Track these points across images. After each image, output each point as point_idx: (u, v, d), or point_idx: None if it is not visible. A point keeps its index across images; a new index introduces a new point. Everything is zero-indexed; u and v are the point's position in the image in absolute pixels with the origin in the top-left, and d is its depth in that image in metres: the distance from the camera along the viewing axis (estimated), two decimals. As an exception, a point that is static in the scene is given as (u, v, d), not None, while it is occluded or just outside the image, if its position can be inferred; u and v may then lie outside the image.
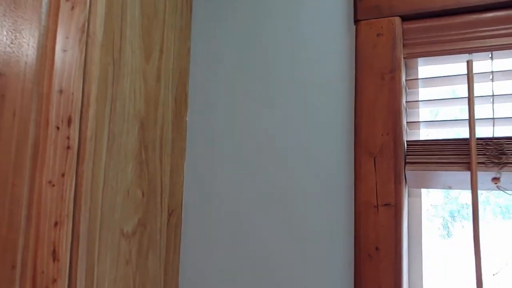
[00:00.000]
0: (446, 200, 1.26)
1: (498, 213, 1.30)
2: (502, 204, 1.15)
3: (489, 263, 1.21)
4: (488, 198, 1.13)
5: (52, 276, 0.78)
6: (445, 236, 1.62)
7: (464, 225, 1.81)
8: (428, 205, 1.31)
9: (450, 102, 0.98)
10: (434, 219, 1.75)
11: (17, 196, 0.79)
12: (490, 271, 1.38)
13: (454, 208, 1.42)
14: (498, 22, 0.92)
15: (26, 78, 0.81)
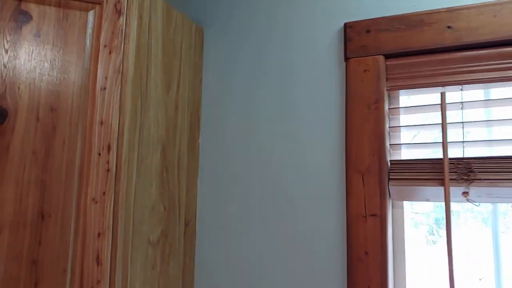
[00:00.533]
0: (433, 208, 1.42)
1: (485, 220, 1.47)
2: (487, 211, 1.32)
3: (476, 268, 1.38)
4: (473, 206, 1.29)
5: (96, 278, 0.94)
6: (431, 242, 1.81)
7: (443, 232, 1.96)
8: (414, 214, 1.48)
9: (427, 127, 1.15)
10: (420, 226, 1.94)
11: (67, 212, 0.95)
12: (476, 276, 1.56)
13: (439, 216, 1.60)
14: (467, 61, 1.10)
15: (73, 112, 0.97)
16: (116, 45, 1.01)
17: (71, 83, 0.98)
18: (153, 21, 1.13)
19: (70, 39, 0.99)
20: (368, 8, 1.20)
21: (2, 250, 0.89)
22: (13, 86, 0.94)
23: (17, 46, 0.95)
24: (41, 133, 0.95)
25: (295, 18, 1.29)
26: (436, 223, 1.74)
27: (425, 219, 1.37)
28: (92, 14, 1.01)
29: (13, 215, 0.91)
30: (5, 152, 0.92)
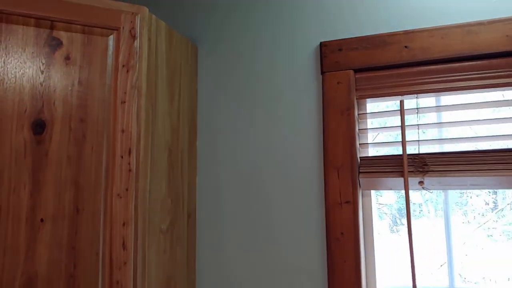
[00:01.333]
0: (396, 199, 1.66)
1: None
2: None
3: (437, 255, 1.62)
4: (440, 195, 1.54)
5: (123, 260, 1.13)
6: (395, 231, 2.09)
7: (412, 220, 2.26)
8: (379, 205, 1.73)
9: (389, 129, 1.39)
10: (385, 217, 2.22)
11: (97, 206, 1.13)
12: (437, 262, 1.82)
13: (402, 207, 1.85)
14: (421, 74, 1.34)
15: (99, 122, 1.16)
16: (132, 64, 1.20)
17: (96, 98, 1.16)
18: (158, 42, 1.32)
19: (94, 60, 1.17)
20: (340, 30, 1.43)
21: (46, 239, 1.08)
22: (49, 102, 1.11)
23: (51, 68, 1.13)
24: (73, 140, 1.13)
25: (279, 37, 1.50)
26: (398, 213, 2.01)
27: (388, 210, 1.61)
28: (111, 38, 1.20)
29: (54, 210, 1.09)
30: (45, 157, 1.10)
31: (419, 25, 1.35)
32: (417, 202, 2.22)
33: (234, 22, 1.57)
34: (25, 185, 1.07)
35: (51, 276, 1.07)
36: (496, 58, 1.27)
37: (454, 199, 1.85)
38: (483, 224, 2.56)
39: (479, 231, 2.46)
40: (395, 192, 1.55)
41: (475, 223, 2.17)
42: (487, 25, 1.27)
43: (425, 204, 2.02)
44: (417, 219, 2.25)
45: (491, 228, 2.35)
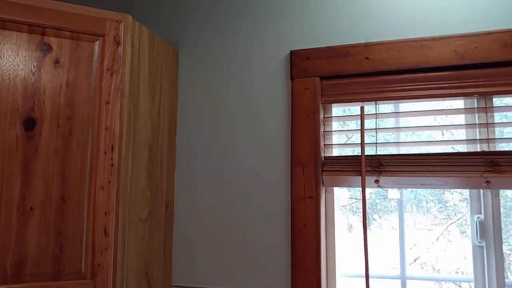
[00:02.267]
0: (368, 195, 1.79)
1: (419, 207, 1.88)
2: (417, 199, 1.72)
3: (411, 250, 1.76)
4: (412, 193, 1.68)
5: (104, 246, 1.26)
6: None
7: (382, 216, 2.47)
8: (352, 200, 1.87)
9: (351, 132, 1.53)
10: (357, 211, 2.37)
11: (81, 196, 1.26)
12: (411, 257, 1.96)
13: (375, 202, 1.99)
14: (380, 83, 1.48)
15: (84, 121, 1.28)
16: (116, 68, 1.32)
17: (83, 98, 1.28)
18: (141, 47, 1.44)
19: (81, 64, 1.29)
20: (308, 40, 1.56)
21: (35, 225, 1.20)
22: (39, 101, 1.23)
23: (42, 70, 1.24)
24: (61, 137, 1.25)
25: (252, 43, 1.63)
26: (371, 209, 2.16)
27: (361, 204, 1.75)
28: (97, 44, 1.32)
29: (42, 199, 1.21)
30: (35, 152, 1.22)
31: (378, 38, 1.49)
32: (395, 198, 2.37)
33: (211, 28, 1.70)
34: (17, 176, 1.19)
35: (39, 257, 1.20)
36: (446, 71, 1.42)
37: (433, 195, 2.01)
38: (456, 220, 2.75)
39: (453, 227, 2.64)
40: (370, 188, 1.70)
41: (450, 219, 2.34)
42: (439, 40, 1.41)
43: (405, 200, 2.15)
44: (390, 214, 2.42)
45: (465, 225, 2.52)
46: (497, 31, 1.36)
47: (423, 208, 2.46)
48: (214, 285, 1.57)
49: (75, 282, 1.23)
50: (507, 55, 1.35)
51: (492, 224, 1.40)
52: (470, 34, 1.38)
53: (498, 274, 1.37)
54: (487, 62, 1.37)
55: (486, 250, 1.40)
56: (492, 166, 1.34)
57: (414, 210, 2.09)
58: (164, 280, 1.55)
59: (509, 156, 1.33)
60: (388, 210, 2.63)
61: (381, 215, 2.38)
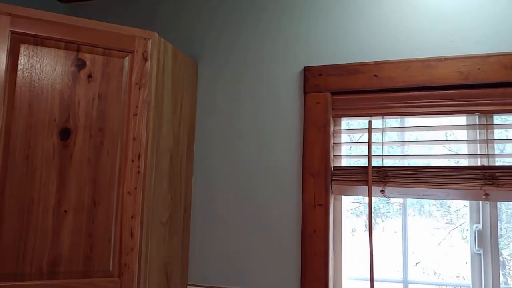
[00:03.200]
0: (374, 199, 1.88)
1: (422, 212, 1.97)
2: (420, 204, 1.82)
3: (413, 254, 1.86)
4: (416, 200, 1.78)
5: (130, 247, 1.36)
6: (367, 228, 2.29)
7: (385, 220, 2.55)
8: (356, 204, 1.96)
9: (359, 144, 1.64)
10: (361, 215, 2.47)
11: (110, 201, 1.36)
12: (413, 261, 2.05)
13: (378, 206, 2.08)
14: (387, 99, 1.58)
15: (114, 131, 1.38)
16: (144, 83, 1.43)
17: (113, 111, 1.39)
18: (166, 62, 1.55)
19: (111, 79, 1.40)
20: (321, 57, 1.66)
21: (69, 226, 1.31)
22: (74, 113, 1.34)
23: (76, 84, 1.35)
24: (93, 146, 1.36)
25: (267, 59, 1.73)
26: (374, 213, 2.26)
27: (364, 209, 1.86)
28: (127, 60, 1.42)
29: (75, 203, 1.32)
30: (69, 160, 1.33)
31: (387, 57, 1.59)
32: (398, 202, 2.47)
33: (228, 42, 1.80)
34: (53, 182, 1.30)
35: (72, 257, 1.31)
36: (450, 90, 1.52)
37: (436, 200, 2.10)
38: (459, 226, 2.84)
39: (455, 232, 2.73)
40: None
41: (452, 225, 2.44)
42: (444, 61, 1.51)
43: (408, 205, 2.25)
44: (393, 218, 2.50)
45: (467, 231, 2.61)
46: (498, 54, 1.46)
47: (426, 213, 2.55)
48: (227, 285, 1.67)
49: (104, 280, 1.33)
50: (507, 77, 1.45)
51: (489, 234, 1.50)
52: (473, 56, 1.48)
53: (494, 280, 1.47)
54: (488, 82, 1.46)
55: (484, 258, 1.50)
56: (491, 180, 1.44)
57: (417, 214, 2.19)
58: (181, 279, 1.66)
59: (507, 171, 1.43)
60: (391, 214, 2.73)
61: (384, 219, 2.47)
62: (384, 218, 2.36)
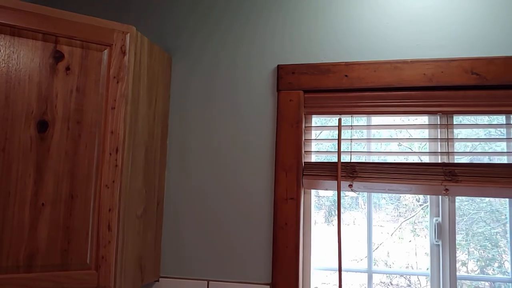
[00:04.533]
0: (332, 194, 1.96)
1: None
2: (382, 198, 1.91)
3: (376, 237, 1.94)
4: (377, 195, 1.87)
5: (108, 239, 1.37)
6: (329, 222, 2.40)
7: (346, 212, 2.62)
8: (317, 197, 2.03)
9: (329, 140, 1.71)
10: (323, 207, 2.54)
11: (88, 194, 1.36)
12: (377, 242, 2.13)
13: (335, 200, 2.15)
14: (356, 99, 1.66)
15: (92, 124, 1.38)
16: (122, 76, 1.43)
17: (91, 104, 1.39)
18: (142, 56, 1.55)
19: (89, 72, 1.39)
20: (295, 55, 1.72)
21: (46, 219, 1.30)
22: (51, 105, 1.33)
23: (54, 76, 1.34)
24: (71, 139, 1.35)
25: (242, 56, 1.77)
26: (334, 205, 2.34)
27: (327, 202, 1.94)
28: (105, 53, 1.42)
29: (53, 196, 1.32)
30: (47, 152, 1.32)
31: (357, 58, 1.67)
32: (353, 196, 2.57)
33: (202, 38, 1.83)
34: (30, 174, 1.29)
35: (49, 250, 1.30)
36: (415, 91, 1.61)
37: (387, 194, 2.19)
38: (410, 218, 2.98)
39: (406, 225, 2.88)
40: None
41: (403, 217, 2.56)
42: (410, 63, 1.60)
43: (360, 197, 2.34)
44: (351, 211, 2.61)
45: (418, 223, 2.75)
46: (460, 59, 1.57)
47: (379, 206, 2.66)
48: (200, 276, 1.71)
49: (81, 272, 1.34)
50: (467, 80, 1.56)
51: (448, 226, 1.61)
52: (437, 60, 1.58)
53: (451, 269, 1.59)
54: (450, 85, 1.57)
55: (442, 248, 1.62)
56: (451, 176, 1.55)
57: (373, 208, 2.28)
58: (154, 271, 1.68)
59: (465, 168, 1.54)
60: (347, 207, 2.82)
61: (343, 212, 2.56)
62: (342, 210, 2.46)
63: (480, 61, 1.56)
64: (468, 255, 2.86)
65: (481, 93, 1.57)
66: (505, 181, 1.51)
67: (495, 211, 3.01)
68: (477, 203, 2.96)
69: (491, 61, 1.55)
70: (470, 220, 2.85)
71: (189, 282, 1.71)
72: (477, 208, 2.83)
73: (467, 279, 1.68)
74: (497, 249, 3.10)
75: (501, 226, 3.11)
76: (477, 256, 2.94)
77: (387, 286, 2.62)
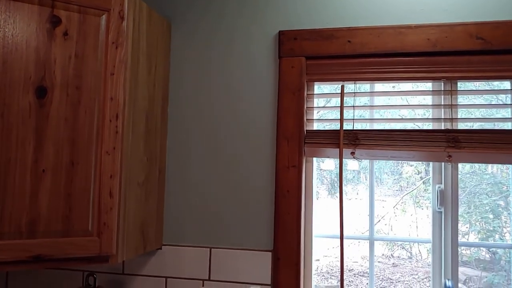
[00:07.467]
0: (335, 166, 1.96)
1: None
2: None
3: (378, 210, 1.95)
4: (377, 165, 1.87)
5: (109, 206, 1.37)
6: (332, 193, 2.40)
7: (348, 186, 2.65)
8: (320, 171, 2.03)
9: (331, 108, 1.69)
10: (324, 180, 2.55)
11: (89, 161, 1.36)
12: (379, 215, 2.14)
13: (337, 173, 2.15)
14: (360, 65, 1.63)
15: (91, 91, 1.36)
16: (120, 42, 1.41)
17: (90, 69, 1.37)
18: (140, 21, 1.52)
19: (88, 37, 1.37)
20: (296, 21, 1.69)
21: (47, 186, 1.30)
22: (50, 71, 1.31)
23: (52, 42, 1.32)
24: (70, 105, 1.34)
25: (242, 21, 1.74)
26: (336, 179, 2.33)
27: (329, 176, 1.94)
28: (103, 18, 1.39)
29: (53, 163, 1.31)
30: (46, 118, 1.30)
31: (360, 23, 1.63)
32: (354, 169, 2.57)
33: (202, 3, 1.79)
34: (30, 141, 1.28)
35: (51, 217, 1.30)
36: (419, 57, 1.59)
37: (389, 167, 2.19)
38: (411, 191, 3.00)
39: (407, 198, 2.88)
40: (335, 160, 1.87)
41: (406, 190, 2.57)
42: (414, 28, 1.57)
43: (362, 171, 2.34)
44: (355, 184, 2.62)
45: (419, 196, 2.75)
46: (464, 23, 1.53)
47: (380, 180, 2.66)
48: (202, 244, 1.72)
49: (83, 239, 1.34)
50: (472, 45, 1.53)
51: (450, 193, 1.61)
52: (441, 24, 1.55)
53: (453, 236, 1.59)
54: (454, 50, 1.54)
55: (444, 215, 1.61)
56: (454, 143, 1.54)
57: (374, 183, 2.29)
58: (156, 239, 1.69)
59: (469, 134, 1.52)
60: (350, 180, 2.84)
61: (346, 185, 2.58)
62: (344, 183, 2.46)
63: (485, 25, 1.53)
64: (470, 226, 2.89)
65: (485, 58, 1.54)
66: (509, 147, 1.50)
67: (498, 183, 3.01)
68: (479, 175, 2.96)
69: (496, 25, 1.52)
70: (472, 192, 2.85)
71: (191, 249, 1.72)
72: (480, 180, 2.83)
73: (468, 245, 1.68)
74: (498, 221, 3.12)
75: (503, 198, 3.12)
76: (479, 228, 2.96)
77: (388, 259, 2.64)
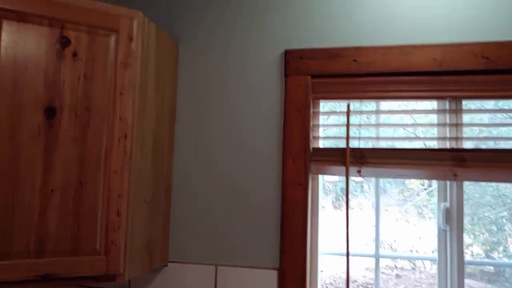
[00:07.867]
0: (340, 178, 1.97)
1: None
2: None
3: (384, 220, 1.95)
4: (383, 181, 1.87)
5: (117, 225, 1.38)
6: (337, 207, 2.40)
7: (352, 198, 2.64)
8: (325, 182, 2.03)
9: (337, 126, 1.70)
10: (329, 193, 2.55)
11: (97, 180, 1.37)
12: (385, 224, 2.14)
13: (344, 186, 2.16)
14: (365, 84, 1.64)
15: (100, 111, 1.38)
16: (129, 62, 1.42)
17: (99, 90, 1.38)
18: (150, 42, 1.54)
19: (97, 58, 1.39)
20: (302, 40, 1.70)
21: (56, 206, 1.31)
22: (59, 92, 1.33)
23: (61, 63, 1.33)
24: (79, 125, 1.35)
25: (249, 41, 1.76)
26: (341, 191, 2.35)
27: (333, 188, 1.94)
28: (112, 39, 1.41)
29: (62, 182, 1.32)
30: (55, 139, 1.32)
31: (366, 43, 1.65)
32: (358, 181, 2.57)
33: (209, 22, 1.81)
34: (39, 161, 1.29)
35: (59, 235, 1.31)
36: (425, 76, 1.60)
37: (391, 179, 2.19)
38: (415, 203, 2.99)
39: (411, 209, 2.88)
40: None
41: (409, 201, 2.56)
42: (419, 48, 1.59)
43: (366, 183, 2.33)
44: (356, 196, 2.62)
45: (423, 206, 2.75)
46: (469, 43, 1.55)
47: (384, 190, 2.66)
48: (208, 261, 1.72)
49: (91, 258, 1.35)
50: (477, 65, 1.54)
51: (456, 211, 1.61)
52: (447, 44, 1.56)
53: (459, 255, 1.59)
54: (459, 70, 1.55)
55: (450, 234, 1.62)
56: (459, 161, 1.54)
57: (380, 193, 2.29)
58: (162, 256, 1.69)
59: (474, 153, 1.53)
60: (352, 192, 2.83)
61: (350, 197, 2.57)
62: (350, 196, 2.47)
63: (490, 45, 1.54)
64: (473, 238, 2.88)
65: (491, 78, 1.55)
66: (515, 167, 1.50)
67: (501, 195, 3.01)
68: (482, 187, 2.96)
69: (501, 45, 1.53)
70: (476, 204, 2.85)
71: (197, 266, 1.72)
72: (483, 192, 2.83)
73: (474, 264, 1.68)
74: (502, 233, 3.11)
75: (507, 210, 3.12)
76: (482, 239, 2.96)
77: (392, 270, 2.64)
